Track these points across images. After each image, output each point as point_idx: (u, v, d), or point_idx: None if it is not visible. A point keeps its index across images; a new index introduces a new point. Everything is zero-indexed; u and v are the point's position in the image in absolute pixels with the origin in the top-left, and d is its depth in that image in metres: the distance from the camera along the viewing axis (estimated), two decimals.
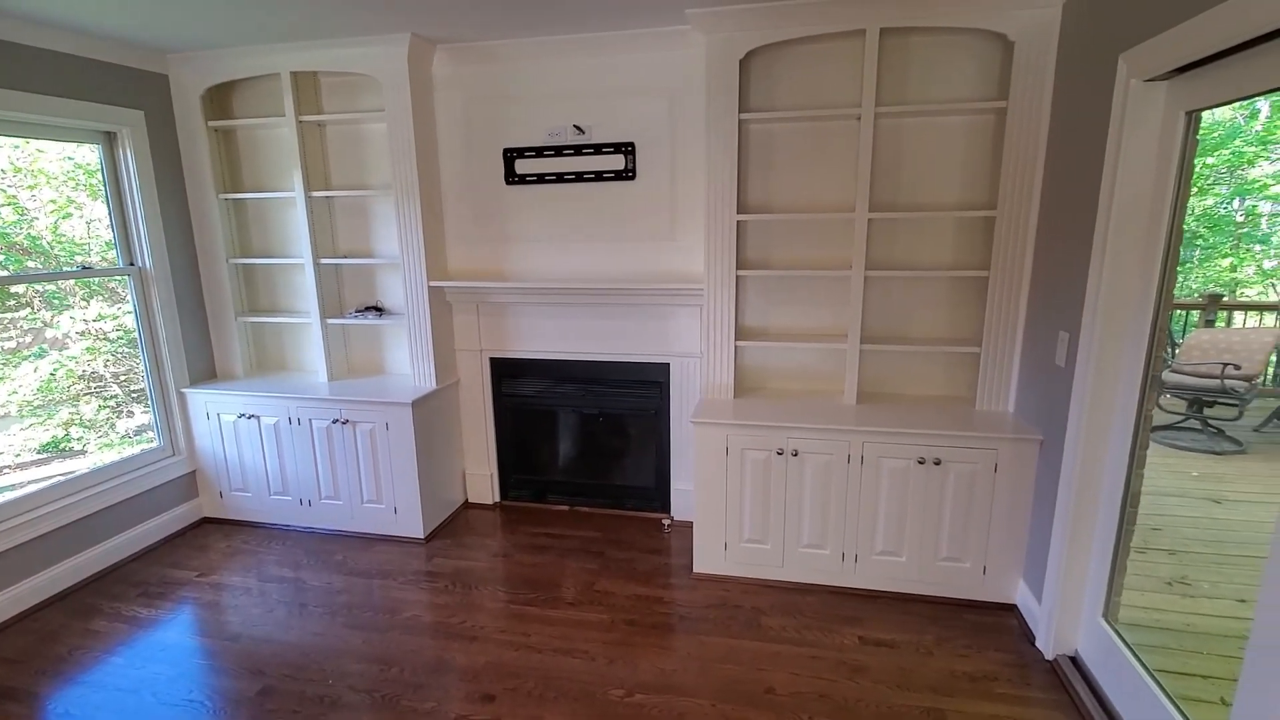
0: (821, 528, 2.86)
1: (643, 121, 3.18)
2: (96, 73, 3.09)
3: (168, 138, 3.44)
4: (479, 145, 3.39)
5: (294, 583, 3.08)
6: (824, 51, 2.88)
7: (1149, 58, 1.85)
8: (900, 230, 2.99)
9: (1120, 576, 2.20)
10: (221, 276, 3.64)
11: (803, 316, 3.20)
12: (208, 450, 3.64)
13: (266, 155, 3.61)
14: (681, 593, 2.93)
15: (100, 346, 3.57)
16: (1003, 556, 2.72)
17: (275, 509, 3.62)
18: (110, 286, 3.48)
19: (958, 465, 2.68)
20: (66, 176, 3.36)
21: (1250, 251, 5.41)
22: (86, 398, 3.56)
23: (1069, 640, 2.38)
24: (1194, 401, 3.97)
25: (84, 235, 3.45)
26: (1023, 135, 2.62)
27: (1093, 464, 2.22)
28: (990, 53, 2.74)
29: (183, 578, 3.15)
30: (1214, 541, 2.94)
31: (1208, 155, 4.35)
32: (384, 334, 3.75)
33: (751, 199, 3.10)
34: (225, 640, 2.67)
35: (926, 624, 2.67)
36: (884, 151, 2.91)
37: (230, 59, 3.28)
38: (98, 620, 2.82)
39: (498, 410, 3.76)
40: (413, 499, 3.39)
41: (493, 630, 2.69)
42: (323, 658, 2.54)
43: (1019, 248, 2.71)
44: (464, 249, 3.55)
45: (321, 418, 3.40)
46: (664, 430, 3.55)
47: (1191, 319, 4.84)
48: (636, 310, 3.41)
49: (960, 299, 3.01)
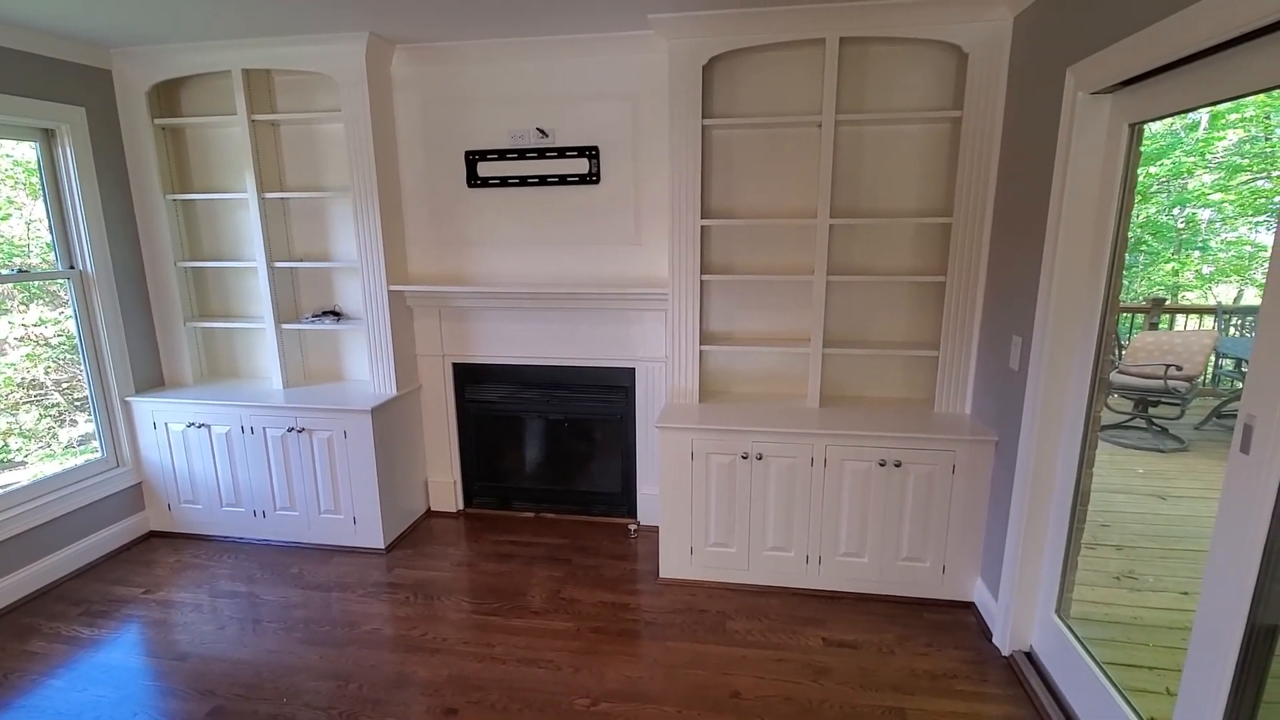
0: (786, 530, 2.89)
1: (606, 125, 3.17)
2: (33, 67, 2.94)
3: (111, 135, 3.30)
4: (440, 147, 3.33)
5: (247, 598, 2.98)
6: (785, 59, 2.91)
7: (1095, 71, 1.92)
8: (860, 236, 3.04)
9: (1072, 573, 2.27)
10: (169, 280, 3.51)
11: (766, 321, 3.22)
12: (155, 461, 3.49)
13: (217, 155, 3.49)
14: (648, 598, 2.92)
15: (40, 353, 3.40)
16: (960, 555, 2.78)
17: (227, 521, 3.49)
18: (51, 290, 3.32)
19: (917, 467, 2.73)
20: (4, 175, 3.19)
21: (1190, 257, 5.66)
22: (26, 406, 3.39)
23: (1024, 636, 2.45)
24: (1139, 401, 4.13)
25: (23, 236, 3.28)
26: (977, 144, 2.69)
27: (1045, 464, 2.28)
28: (946, 63, 2.80)
29: (128, 595, 3.01)
30: (1159, 536, 3.06)
31: (1150, 165, 4.53)
32: (342, 339, 3.66)
33: (715, 204, 3.12)
34: (173, 660, 2.56)
35: (887, 624, 2.71)
36: (844, 158, 2.96)
37: (178, 55, 3.17)
38: (35, 641, 2.68)
39: (461, 416, 3.70)
40: (372, 508, 3.31)
41: (455, 642, 2.64)
42: (277, 675, 2.46)
43: (974, 254, 2.78)
44: (425, 252, 3.48)
45: (276, 426, 3.29)
46: (630, 435, 3.54)
47: (1137, 322, 5.05)
48: (601, 314, 3.39)
49: (919, 303, 3.07)
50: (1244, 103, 3.05)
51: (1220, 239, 5.20)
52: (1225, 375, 4.33)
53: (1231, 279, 5.27)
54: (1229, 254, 5.21)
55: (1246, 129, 4.11)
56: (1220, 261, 5.27)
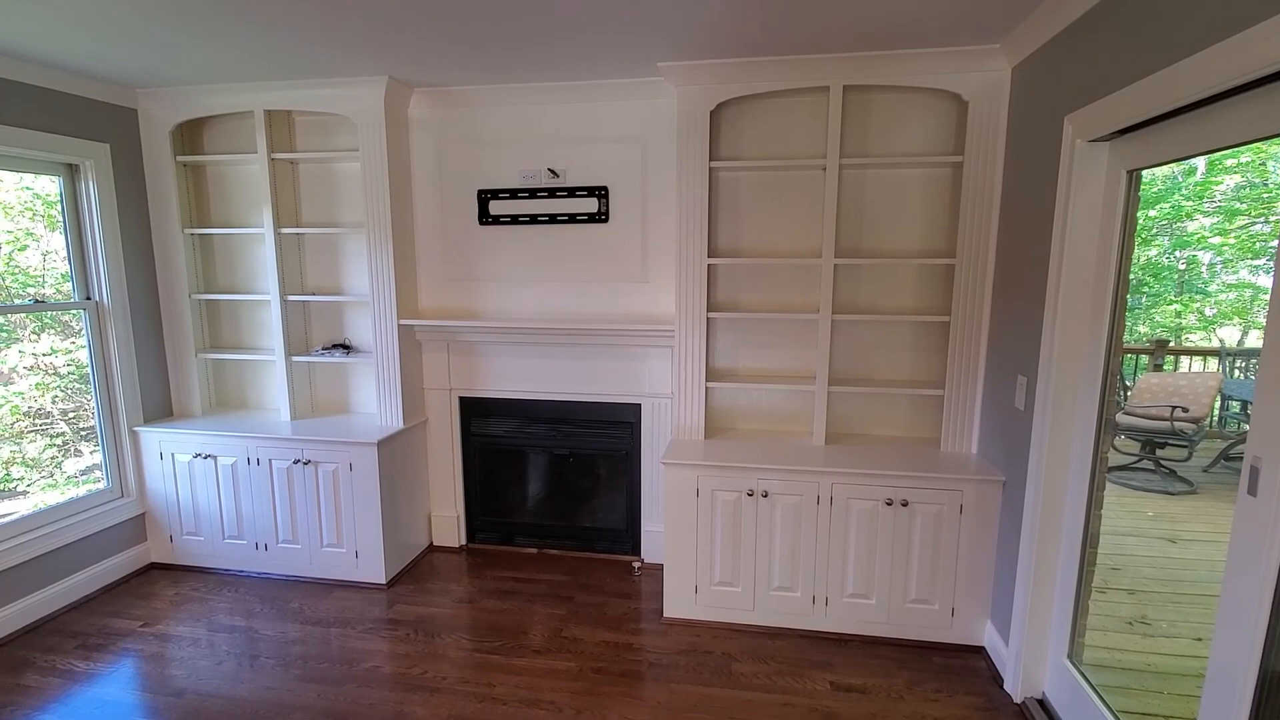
0: (792, 570, 2.85)
1: (616, 166, 3.25)
2: (62, 104, 3.05)
3: (133, 171, 3.39)
4: (453, 186, 3.42)
5: (246, 632, 2.94)
6: (790, 104, 3.00)
7: (1092, 120, 1.97)
8: (865, 275, 3.08)
9: (1083, 617, 2.23)
10: (183, 312, 3.56)
11: (772, 358, 3.25)
12: (159, 492, 3.49)
13: (236, 190, 3.58)
14: (651, 638, 2.88)
15: (49, 382, 3.43)
16: (970, 598, 2.74)
17: (228, 554, 3.47)
18: (63, 320, 3.37)
19: (924, 506, 2.71)
20: (24, 207, 3.27)
21: (1192, 299, 5.69)
22: (31, 435, 3.40)
23: (1036, 682, 2.40)
24: (1146, 443, 4.11)
25: (39, 267, 3.34)
26: (978, 188, 2.75)
27: (1053, 505, 2.27)
28: (947, 110, 2.89)
29: (125, 628, 2.98)
30: (1170, 580, 3.01)
31: (1150, 208, 4.61)
32: (351, 372, 3.69)
33: (721, 244, 3.17)
34: (168, 696, 2.52)
35: (896, 668, 2.66)
36: (848, 200, 3.02)
37: (202, 96, 3.28)
38: (29, 674, 2.64)
39: (466, 450, 3.70)
40: (375, 542, 3.29)
41: (455, 680, 2.59)
42: (273, 714, 2.41)
43: (978, 294, 2.81)
44: (435, 288, 3.54)
45: (282, 458, 3.30)
46: (635, 471, 3.53)
47: (1142, 363, 5.06)
48: (608, 351, 3.42)
49: (924, 343, 3.09)
50: (1240, 149, 3.11)
51: (1220, 281, 5.24)
52: (1232, 418, 4.32)
53: (1234, 321, 5.29)
54: (1231, 296, 5.24)
55: (1244, 174, 4.18)
56: (1222, 304, 5.29)
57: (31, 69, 2.87)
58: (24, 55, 2.75)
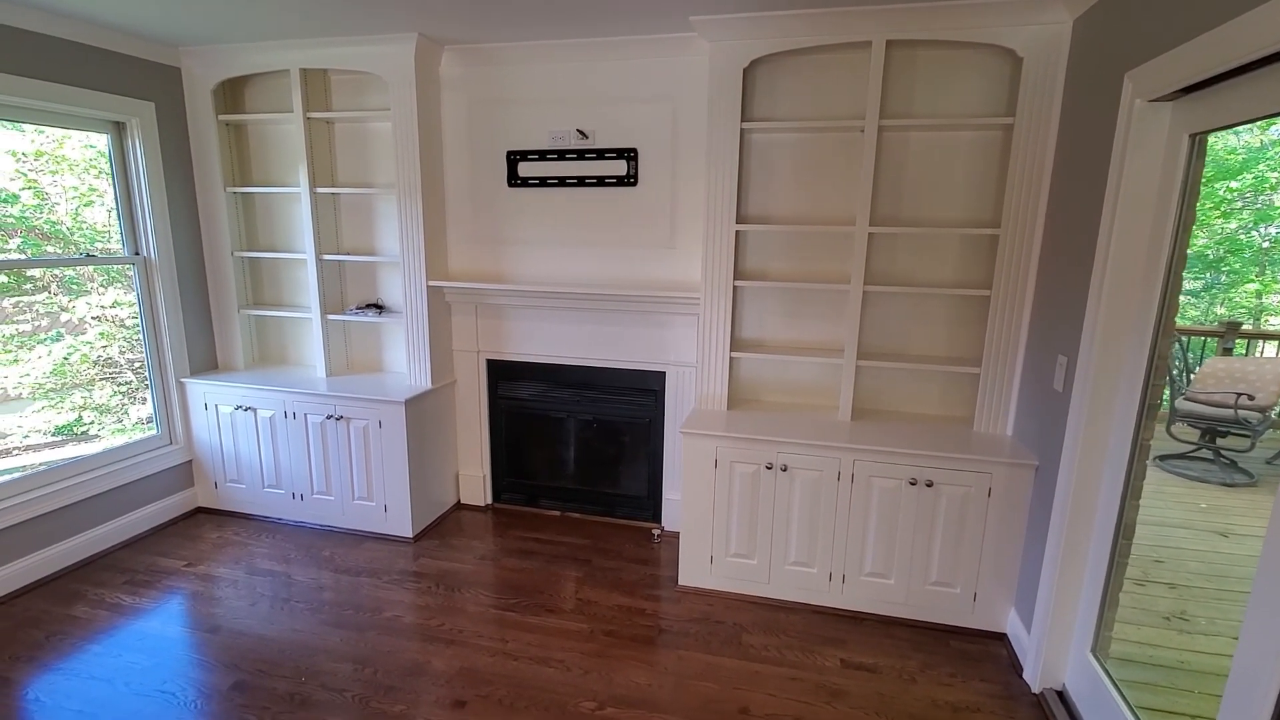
0: (809, 545, 2.81)
1: (646, 127, 3.16)
2: (108, 63, 3.13)
3: (177, 130, 3.48)
4: (483, 147, 3.39)
5: (281, 577, 3.09)
6: (829, 62, 2.85)
7: (1153, 77, 1.80)
8: (901, 245, 2.94)
9: (1111, 610, 2.13)
10: (226, 269, 3.68)
11: (799, 330, 3.15)
12: (205, 441, 3.67)
13: (275, 150, 3.64)
14: (665, 605, 2.89)
15: (114, 332, 3.60)
16: (994, 584, 2.65)
17: (268, 502, 3.63)
18: (129, 274, 3.51)
19: (950, 488, 2.62)
20: (89, 164, 3.40)
21: (1275, 279, 5.26)
22: (100, 383, 3.60)
23: (1057, 673, 2.31)
24: (1207, 431, 3.86)
25: (105, 223, 3.48)
26: (1029, 153, 2.56)
27: (1086, 493, 2.15)
28: (999, 68, 2.68)
29: (171, 567, 3.17)
30: (1217, 576, 2.84)
31: (1231, 179, 4.24)
32: (383, 332, 3.76)
33: (751, 209, 3.07)
34: (205, 632, 2.67)
35: (911, 649, 2.60)
36: (887, 165, 2.86)
37: (242, 54, 3.32)
38: (80, 606, 2.84)
39: (493, 412, 3.75)
40: (403, 498, 3.39)
41: (471, 635, 2.67)
42: (299, 655, 2.53)
43: (1022, 268, 2.65)
44: (465, 250, 3.55)
45: (316, 413, 3.41)
46: (658, 439, 3.52)
47: (1210, 346, 4.72)
48: (634, 317, 3.38)
49: (961, 317, 2.95)
50: None
51: None
52: None
53: None
54: None
55: None
56: None
57: (80, 26, 2.95)
58: (72, 13, 2.82)
